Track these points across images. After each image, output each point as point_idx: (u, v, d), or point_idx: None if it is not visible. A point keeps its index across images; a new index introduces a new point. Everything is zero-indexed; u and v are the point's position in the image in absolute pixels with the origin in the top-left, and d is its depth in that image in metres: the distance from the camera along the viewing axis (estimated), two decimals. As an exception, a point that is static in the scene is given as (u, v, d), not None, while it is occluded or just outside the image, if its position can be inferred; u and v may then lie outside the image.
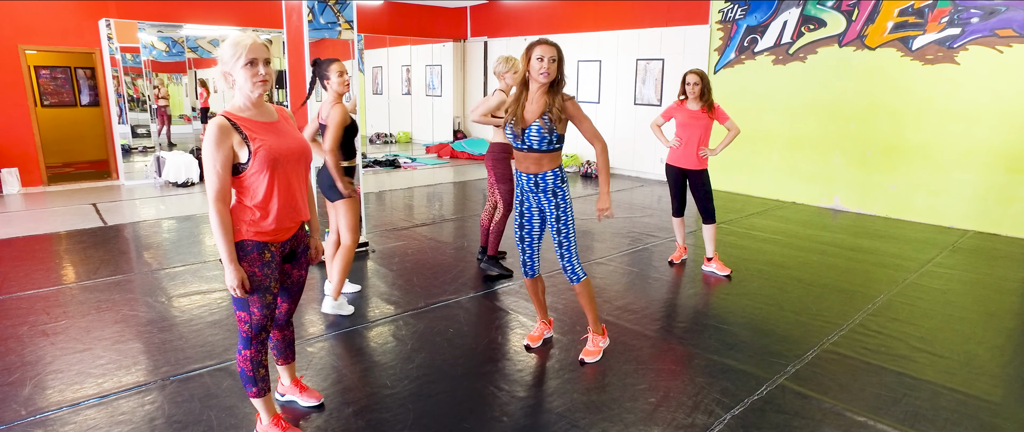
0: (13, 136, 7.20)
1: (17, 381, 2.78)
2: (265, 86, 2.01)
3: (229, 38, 2.00)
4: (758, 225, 6.02)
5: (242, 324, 2.14)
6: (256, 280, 2.08)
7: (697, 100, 4.27)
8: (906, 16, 6.11)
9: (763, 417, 2.56)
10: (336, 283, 3.53)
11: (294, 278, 2.29)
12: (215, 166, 1.95)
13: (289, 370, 2.57)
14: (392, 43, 12.44)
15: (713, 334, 3.41)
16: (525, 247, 3.03)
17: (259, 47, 1.98)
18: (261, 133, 2.03)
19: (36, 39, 7.25)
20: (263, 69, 1.99)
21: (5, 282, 4.11)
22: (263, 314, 2.12)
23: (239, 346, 2.18)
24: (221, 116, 2.00)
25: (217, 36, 9.31)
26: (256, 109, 2.06)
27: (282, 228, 2.11)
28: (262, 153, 2.00)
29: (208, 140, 1.95)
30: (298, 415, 2.54)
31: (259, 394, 2.23)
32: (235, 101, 2.05)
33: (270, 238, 2.09)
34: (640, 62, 8.60)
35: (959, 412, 2.62)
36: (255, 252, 2.06)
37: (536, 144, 2.81)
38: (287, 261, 2.23)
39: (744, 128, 7.54)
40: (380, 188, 7.98)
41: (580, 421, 2.51)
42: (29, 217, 6.05)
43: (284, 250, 2.18)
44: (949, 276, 4.50)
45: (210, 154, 1.95)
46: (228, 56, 1.98)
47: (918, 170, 6.21)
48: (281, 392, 2.62)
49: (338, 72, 3.38)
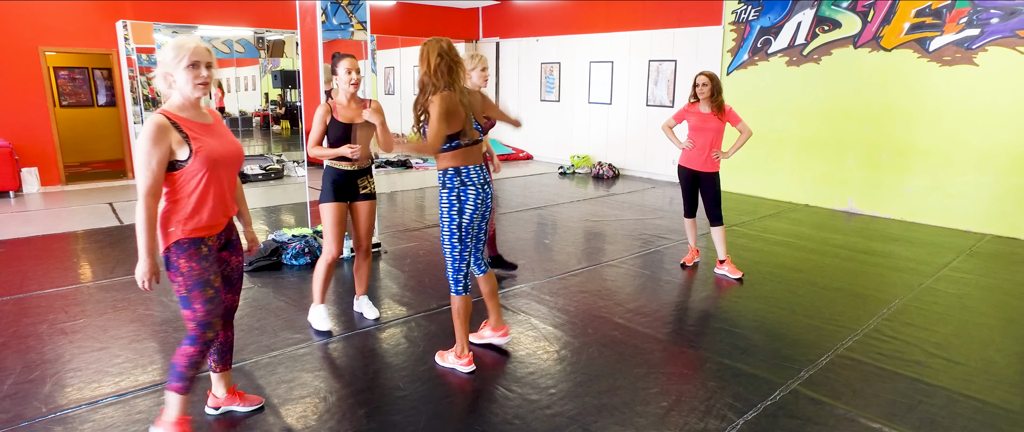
0: (33, 136, 7.32)
1: (38, 379, 2.83)
2: (205, 89, 2.06)
3: (171, 41, 2.05)
4: (771, 228, 5.98)
5: (188, 322, 2.17)
6: (195, 274, 2.11)
7: (708, 102, 4.25)
8: (923, 17, 6.03)
9: (776, 422, 2.54)
10: (315, 292, 3.38)
11: (233, 265, 2.33)
12: (150, 163, 1.98)
13: (225, 378, 2.52)
14: (404, 44, 12.48)
15: (725, 338, 3.40)
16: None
17: (202, 50, 2.03)
18: (201, 134, 2.08)
19: (55, 40, 7.37)
20: (205, 71, 2.04)
21: (25, 280, 4.18)
22: (207, 309, 2.14)
23: (185, 342, 2.18)
24: (160, 115, 2.02)
25: (231, 37, 9.40)
26: (193, 110, 2.11)
27: (215, 223, 2.17)
28: (203, 154, 2.05)
29: (145, 137, 1.97)
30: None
31: (183, 391, 2.23)
32: (173, 101, 2.08)
33: (205, 233, 2.14)
34: (652, 63, 8.56)
35: (976, 420, 2.59)
36: (192, 248, 2.11)
37: None
38: (223, 250, 2.27)
39: (757, 130, 7.49)
40: (392, 188, 8.02)
41: (592, 425, 2.51)
42: (47, 216, 6.14)
43: (220, 241, 2.24)
44: (966, 281, 4.44)
45: (146, 150, 1.97)
46: (170, 58, 2.01)
47: (934, 173, 6.13)
48: (215, 406, 2.54)
49: (347, 69, 3.19)
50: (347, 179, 3.31)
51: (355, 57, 3.27)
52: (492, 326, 3.21)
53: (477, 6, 11.12)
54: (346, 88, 3.21)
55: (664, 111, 8.34)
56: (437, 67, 2.68)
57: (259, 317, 3.58)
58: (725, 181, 4.58)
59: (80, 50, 7.80)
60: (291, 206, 6.82)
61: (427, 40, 2.74)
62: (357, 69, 3.22)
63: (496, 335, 3.22)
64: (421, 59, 2.73)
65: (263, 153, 10.14)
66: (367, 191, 3.40)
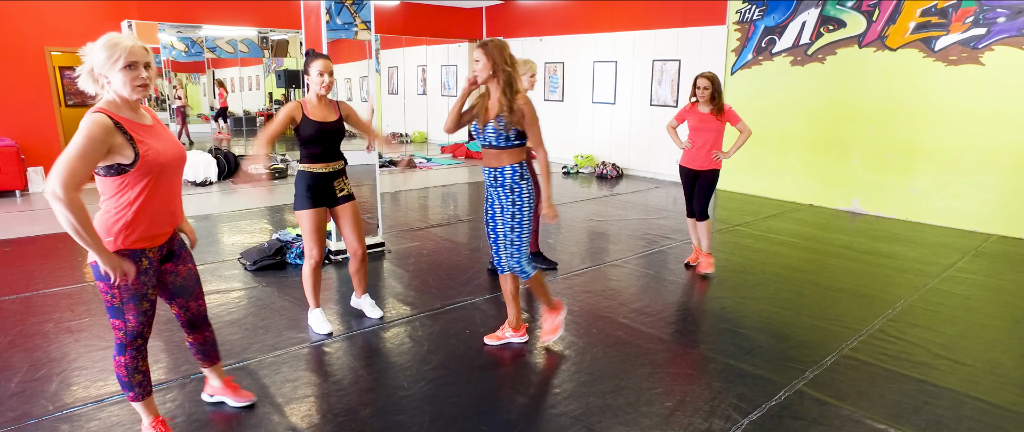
0: (39, 136, 7.35)
1: (44, 377, 2.84)
2: (145, 91, 1.94)
3: (102, 39, 1.89)
4: (775, 228, 5.96)
5: (116, 332, 2.09)
6: (132, 288, 2.02)
7: (708, 103, 4.25)
8: (929, 16, 6.01)
9: (781, 423, 2.53)
10: (308, 298, 3.39)
11: (183, 274, 2.24)
12: (82, 157, 1.81)
13: (217, 371, 2.52)
14: (408, 43, 12.50)
15: (729, 338, 3.39)
16: (492, 243, 3.09)
17: (139, 50, 1.90)
18: (145, 136, 1.97)
19: (61, 40, 7.40)
20: (144, 72, 1.92)
21: (32, 279, 4.20)
22: (139, 322, 2.08)
23: (114, 352, 2.13)
24: (101, 114, 1.87)
25: (235, 37, 9.43)
26: (131, 111, 1.98)
27: (160, 233, 2.08)
28: (150, 157, 1.95)
29: (85, 135, 1.82)
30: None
31: (137, 398, 2.20)
32: (107, 98, 1.94)
33: (147, 244, 2.04)
34: (656, 63, 8.55)
35: (983, 422, 2.58)
36: (132, 260, 2.00)
37: (494, 141, 2.91)
38: (166, 262, 2.18)
39: (761, 130, 7.47)
40: (395, 188, 8.03)
41: (596, 425, 2.51)
42: (53, 215, 6.15)
43: (161, 253, 2.13)
44: (972, 281, 4.42)
45: (81, 148, 1.81)
46: (102, 58, 1.87)
47: (940, 173, 6.11)
48: (210, 393, 2.59)
49: (319, 71, 3.08)
50: (321, 182, 3.21)
51: (329, 59, 3.17)
52: (513, 326, 3.27)
53: (481, 6, 11.12)
54: (316, 89, 3.12)
55: (668, 111, 8.33)
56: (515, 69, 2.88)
57: (263, 316, 3.59)
58: (730, 181, 4.58)
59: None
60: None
61: (497, 39, 2.89)
62: (330, 71, 3.13)
63: (517, 335, 3.28)
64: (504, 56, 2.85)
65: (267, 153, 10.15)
66: (345, 194, 3.29)
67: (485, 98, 2.97)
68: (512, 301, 3.20)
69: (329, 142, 3.21)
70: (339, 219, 3.34)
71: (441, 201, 7.33)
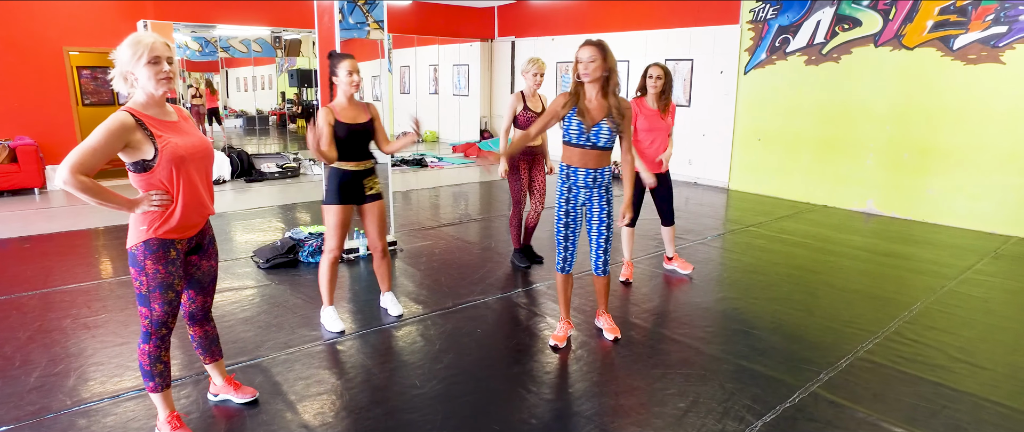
0: (58, 134, 7.46)
1: (62, 372, 2.88)
2: (169, 83, 2.03)
3: (127, 39, 1.99)
4: (788, 228, 5.91)
5: (143, 319, 2.15)
6: (160, 277, 2.09)
7: (656, 98, 4.02)
8: (947, 15, 5.92)
9: (795, 425, 2.51)
10: (323, 294, 3.41)
11: (204, 269, 2.31)
12: (94, 150, 1.89)
13: (218, 368, 2.56)
14: (420, 43, 12.52)
15: (742, 339, 3.36)
16: (569, 244, 3.11)
17: (161, 45, 1.99)
18: (166, 131, 2.05)
19: (79, 40, 7.50)
20: (167, 66, 2.01)
21: (50, 276, 4.26)
22: (164, 311, 2.14)
23: (139, 340, 2.19)
24: (125, 112, 1.97)
25: (248, 36, 9.50)
26: (158, 108, 2.07)
27: (189, 224, 2.14)
28: (168, 151, 2.02)
29: (104, 129, 1.91)
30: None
31: (156, 389, 2.24)
32: (137, 99, 2.04)
33: (177, 235, 2.11)
34: (669, 62, 8.50)
35: (1004, 427, 2.54)
36: (160, 250, 2.08)
37: (604, 142, 2.92)
38: (193, 254, 2.25)
39: (774, 130, 7.42)
40: (407, 187, 8.05)
41: (608, 425, 2.50)
42: (70, 213, 6.26)
43: (190, 245, 2.20)
44: (991, 284, 4.35)
45: (99, 140, 1.90)
46: (128, 57, 1.97)
47: (958, 173, 6.02)
48: (214, 393, 2.63)
49: (348, 70, 3.11)
50: (353, 179, 3.26)
51: (354, 57, 3.19)
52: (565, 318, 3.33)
53: (493, 5, 11.12)
54: (346, 90, 3.14)
55: (680, 111, 8.28)
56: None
57: (276, 314, 3.62)
58: (742, 181, 4.54)
59: (102, 49, 7.93)
60: (307, 204, 6.87)
61: (600, 40, 2.87)
62: (357, 70, 3.15)
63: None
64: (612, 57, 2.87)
65: (279, 151, 10.23)
66: (373, 192, 3.34)
67: (580, 100, 2.90)
68: (567, 299, 3.28)
69: (359, 142, 3.26)
70: (365, 216, 3.40)
71: (452, 200, 7.34)
